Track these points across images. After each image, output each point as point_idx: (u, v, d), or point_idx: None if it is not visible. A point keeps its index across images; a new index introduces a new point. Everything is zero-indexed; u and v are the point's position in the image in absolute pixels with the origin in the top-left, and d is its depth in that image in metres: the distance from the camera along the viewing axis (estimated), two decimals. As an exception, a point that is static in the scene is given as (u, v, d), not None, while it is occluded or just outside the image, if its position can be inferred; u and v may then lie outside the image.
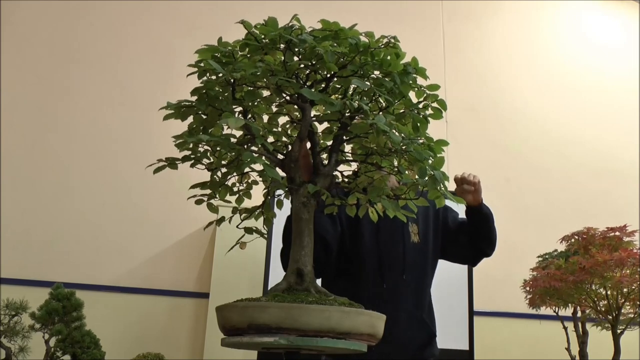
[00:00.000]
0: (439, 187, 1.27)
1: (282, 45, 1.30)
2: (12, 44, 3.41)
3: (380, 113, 1.35)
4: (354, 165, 1.51)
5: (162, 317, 3.12)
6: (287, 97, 1.37)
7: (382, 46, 1.33)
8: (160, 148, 1.70)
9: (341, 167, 1.48)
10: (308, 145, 1.43)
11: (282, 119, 1.51)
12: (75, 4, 3.58)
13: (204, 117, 1.34)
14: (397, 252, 1.95)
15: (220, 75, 1.29)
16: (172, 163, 1.33)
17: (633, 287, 2.13)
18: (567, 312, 2.54)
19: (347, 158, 1.46)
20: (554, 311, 2.48)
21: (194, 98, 1.34)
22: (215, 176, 1.42)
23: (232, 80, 1.30)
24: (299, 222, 1.32)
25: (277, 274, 1.93)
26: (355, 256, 1.93)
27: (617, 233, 2.25)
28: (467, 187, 1.96)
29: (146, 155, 1.51)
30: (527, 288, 2.46)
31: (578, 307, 2.54)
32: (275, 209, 1.58)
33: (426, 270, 2.01)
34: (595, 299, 2.25)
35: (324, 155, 1.43)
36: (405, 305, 1.92)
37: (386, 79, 1.32)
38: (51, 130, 3.32)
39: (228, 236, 1.56)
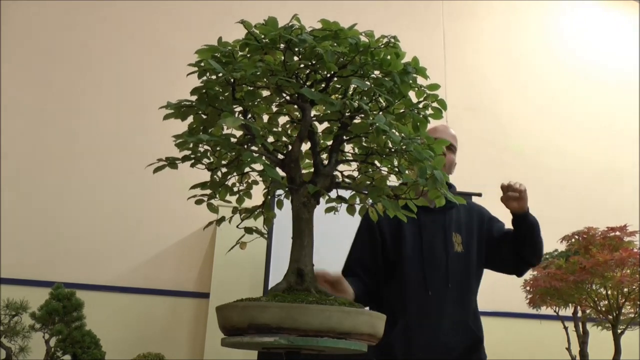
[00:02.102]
0: (439, 187, 1.27)
1: (282, 45, 1.30)
2: (11, 44, 3.41)
3: (380, 113, 1.35)
4: (354, 165, 1.51)
5: (162, 317, 3.12)
6: (287, 97, 1.37)
7: (382, 46, 1.33)
8: (160, 148, 1.70)
9: (341, 167, 1.48)
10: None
11: (282, 119, 1.51)
12: (75, 4, 3.58)
13: (204, 117, 1.34)
14: (441, 262, 1.97)
15: (220, 75, 1.29)
16: (172, 163, 1.33)
17: (633, 287, 2.13)
18: (568, 312, 2.54)
19: (347, 158, 1.46)
20: (555, 311, 2.48)
21: (194, 98, 1.34)
22: (215, 176, 1.42)
23: (232, 80, 1.30)
24: (299, 222, 1.32)
25: (277, 274, 1.94)
26: (399, 262, 1.97)
27: (618, 233, 2.25)
28: (512, 194, 1.98)
29: (146, 155, 1.51)
30: (528, 288, 2.46)
31: (578, 307, 2.53)
32: (276, 209, 1.58)
33: (470, 278, 2.03)
34: (596, 299, 2.25)
35: (324, 156, 1.43)
36: (450, 312, 1.95)
37: (386, 79, 1.32)
38: (51, 130, 3.32)
39: (228, 236, 1.55)
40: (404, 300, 1.91)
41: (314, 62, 1.30)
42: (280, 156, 1.38)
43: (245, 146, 1.29)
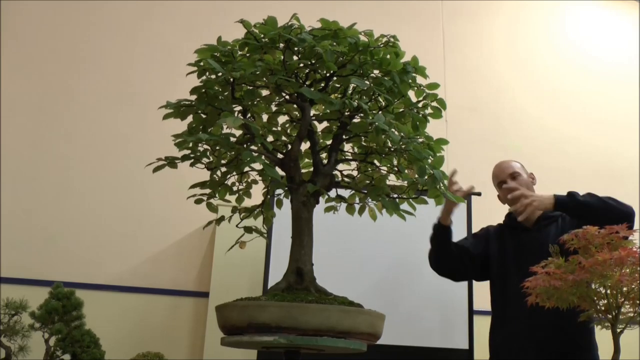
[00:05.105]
0: (438, 186, 1.27)
1: (281, 45, 1.30)
2: (12, 44, 3.41)
3: (380, 112, 1.35)
4: (354, 164, 1.51)
5: (162, 317, 3.12)
6: (287, 97, 1.37)
7: (382, 45, 1.33)
8: (160, 147, 1.70)
9: (340, 166, 1.48)
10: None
11: (282, 118, 1.51)
12: (75, 4, 3.58)
13: (204, 116, 1.34)
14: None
15: (220, 74, 1.29)
16: (171, 162, 1.33)
17: (633, 287, 2.12)
18: (567, 311, 2.54)
19: (346, 157, 1.46)
20: (554, 310, 2.48)
21: (194, 97, 1.34)
22: (214, 175, 1.42)
23: (231, 80, 1.30)
24: (299, 221, 1.32)
25: (277, 274, 1.94)
26: (500, 276, 2.23)
27: (617, 232, 2.25)
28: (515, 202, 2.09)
29: (146, 155, 1.51)
30: (527, 287, 2.45)
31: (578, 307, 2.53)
32: (275, 209, 1.58)
33: None
34: (595, 298, 2.25)
35: (324, 155, 1.43)
36: (547, 314, 2.03)
37: (385, 78, 1.32)
38: (51, 129, 3.32)
39: (228, 235, 1.55)
40: (507, 310, 2.18)
41: (313, 61, 1.30)
42: (279, 155, 1.38)
43: (245, 145, 1.29)
